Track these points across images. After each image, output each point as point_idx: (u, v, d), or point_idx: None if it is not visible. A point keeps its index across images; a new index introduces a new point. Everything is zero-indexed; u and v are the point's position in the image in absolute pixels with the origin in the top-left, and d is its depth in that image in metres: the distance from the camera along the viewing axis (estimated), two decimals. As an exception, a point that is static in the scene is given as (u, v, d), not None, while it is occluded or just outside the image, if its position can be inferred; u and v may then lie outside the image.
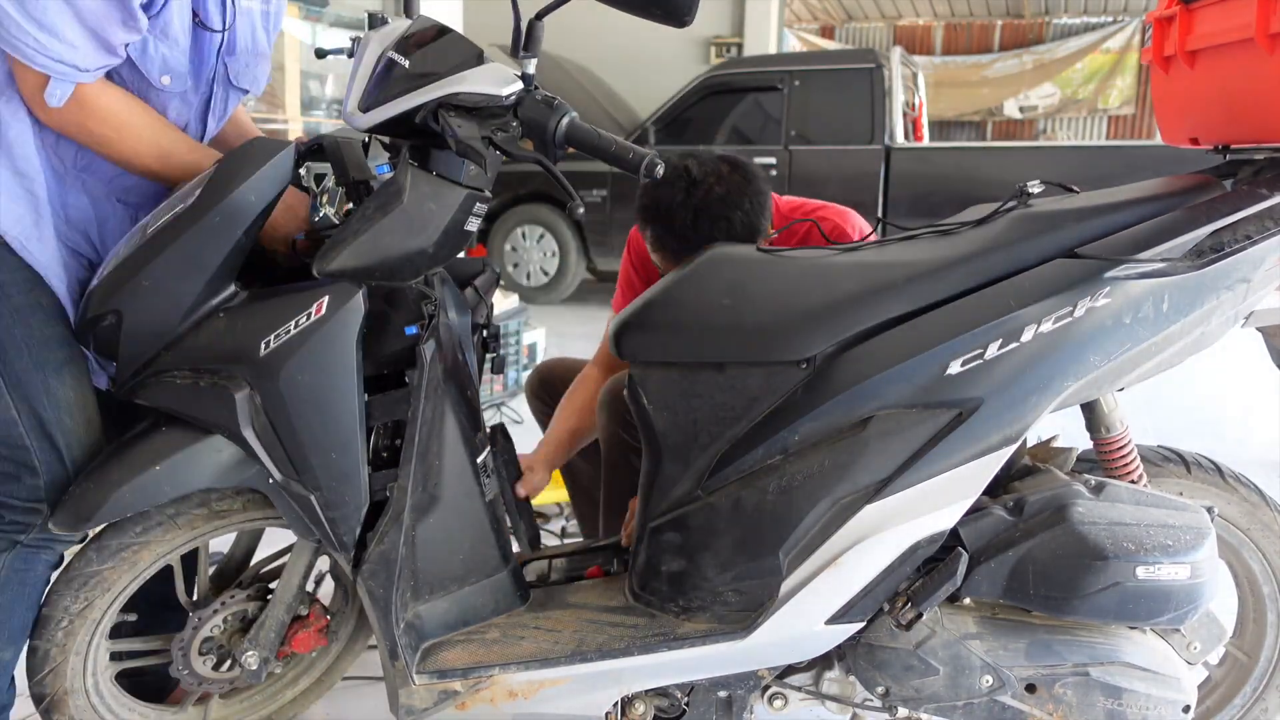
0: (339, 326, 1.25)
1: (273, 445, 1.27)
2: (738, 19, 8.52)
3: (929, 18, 12.28)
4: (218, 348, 1.25)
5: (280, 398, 1.24)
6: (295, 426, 1.25)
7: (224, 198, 1.21)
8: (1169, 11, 1.49)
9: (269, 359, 1.23)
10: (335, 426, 1.27)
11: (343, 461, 1.28)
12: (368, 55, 1.30)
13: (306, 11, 5.29)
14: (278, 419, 1.25)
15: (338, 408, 1.27)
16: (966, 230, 1.36)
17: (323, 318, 1.24)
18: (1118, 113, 11.76)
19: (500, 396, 3.97)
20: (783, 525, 1.31)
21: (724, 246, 1.48)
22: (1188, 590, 1.27)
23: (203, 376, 1.25)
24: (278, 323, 1.24)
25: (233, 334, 1.25)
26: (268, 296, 1.27)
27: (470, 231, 1.38)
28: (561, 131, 1.24)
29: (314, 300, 1.24)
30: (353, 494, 1.30)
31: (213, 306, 1.25)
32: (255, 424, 1.25)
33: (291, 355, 1.23)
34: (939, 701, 1.33)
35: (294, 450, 1.27)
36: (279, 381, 1.24)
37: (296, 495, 1.29)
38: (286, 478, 1.28)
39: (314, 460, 1.27)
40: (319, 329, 1.24)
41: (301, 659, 1.60)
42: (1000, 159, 5.97)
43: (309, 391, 1.25)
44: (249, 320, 1.25)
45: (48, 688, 1.34)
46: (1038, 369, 1.26)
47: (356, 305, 1.26)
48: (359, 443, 1.29)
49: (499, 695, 1.36)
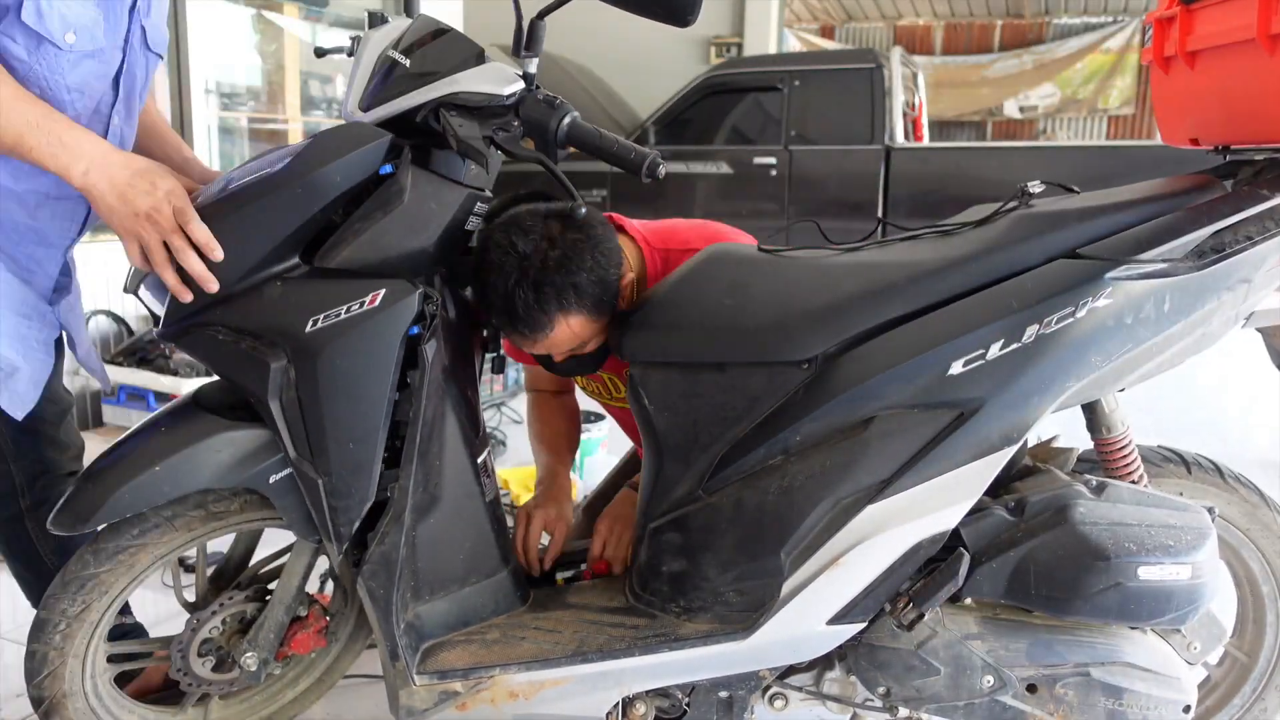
0: (388, 320, 1.26)
1: (295, 422, 1.27)
2: (738, 19, 8.51)
3: (929, 18, 12.27)
4: (267, 315, 1.25)
5: (315, 377, 1.25)
6: (322, 408, 1.26)
7: (311, 172, 1.22)
8: (1169, 12, 1.49)
9: (313, 337, 1.24)
10: (361, 417, 1.28)
11: (359, 452, 1.29)
12: (368, 55, 1.30)
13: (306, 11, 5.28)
14: (307, 397, 1.26)
15: (367, 399, 1.27)
16: (968, 231, 1.36)
17: (375, 309, 1.25)
18: (1118, 113, 11.75)
19: (500, 396, 3.97)
20: (784, 526, 1.30)
21: (725, 245, 1.48)
22: (1188, 590, 1.27)
23: (245, 339, 1.25)
24: (330, 304, 1.24)
25: (285, 304, 1.25)
26: (327, 276, 1.27)
27: (471, 231, 1.38)
28: (563, 131, 1.24)
29: (370, 290, 1.25)
30: (360, 488, 1.30)
31: (272, 273, 1.25)
32: (284, 396, 1.26)
33: (336, 338, 1.24)
34: (940, 702, 1.33)
35: (315, 431, 1.27)
36: (318, 361, 1.24)
37: (305, 477, 1.29)
38: (300, 457, 1.28)
39: (332, 445, 1.27)
40: (368, 319, 1.25)
41: (301, 660, 1.60)
42: (1000, 159, 5.96)
43: (344, 377, 1.26)
44: (303, 295, 1.25)
45: (46, 691, 1.34)
46: (1039, 369, 1.26)
47: (410, 304, 1.27)
48: (379, 438, 1.29)
49: (499, 696, 1.36)
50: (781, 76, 6.09)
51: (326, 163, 1.22)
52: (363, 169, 1.25)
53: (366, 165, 1.25)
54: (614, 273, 1.40)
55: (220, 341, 1.26)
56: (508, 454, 3.38)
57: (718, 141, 6.25)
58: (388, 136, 1.26)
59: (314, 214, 1.24)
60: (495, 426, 3.60)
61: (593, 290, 1.36)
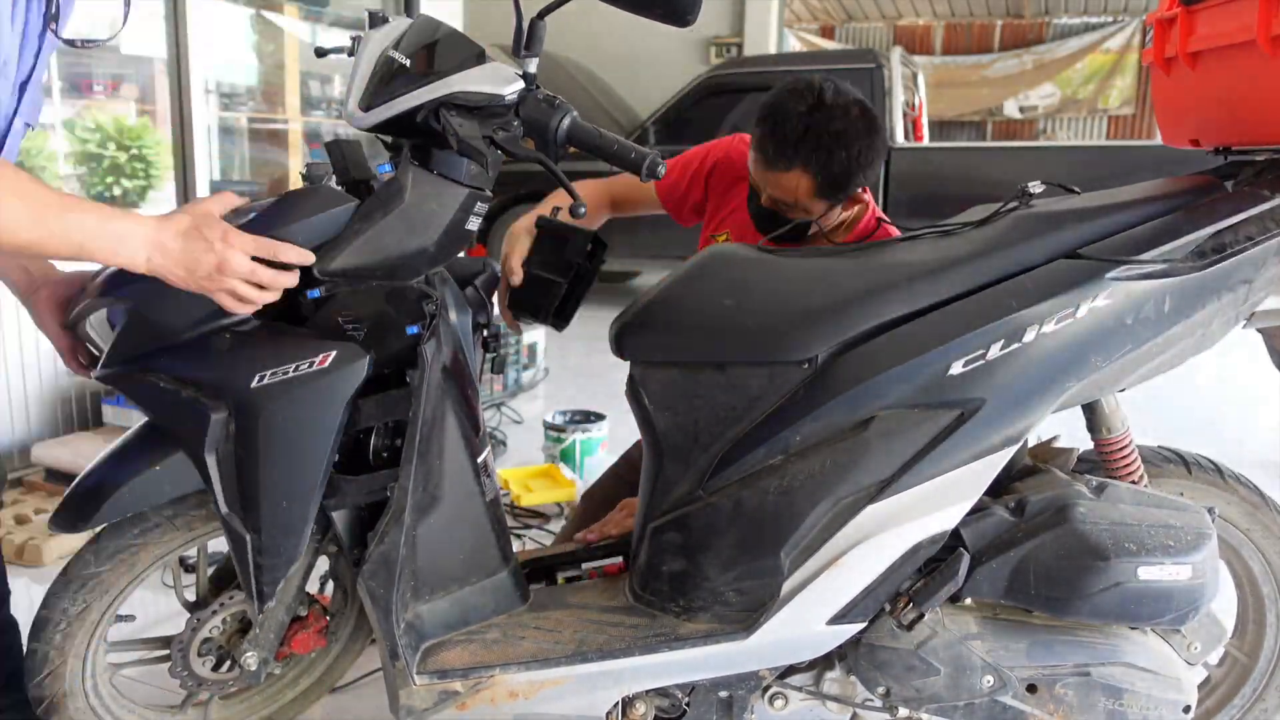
0: (337, 383, 1.24)
1: (229, 477, 1.26)
2: (738, 19, 8.52)
3: (929, 18, 12.27)
4: (213, 366, 1.24)
5: (255, 433, 1.23)
6: (260, 465, 1.25)
7: (272, 231, 1.20)
8: (1170, 13, 1.49)
9: (258, 393, 1.22)
10: (298, 477, 1.26)
11: (291, 512, 1.28)
12: (368, 54, 1.29)
13: (306, 11, 5.28)
14: (245, 452, 1.24)
15: (307, 459, 1.26)
16: (968, 231, 1.36)
17: (324, 370, 1.23)
18: (1118, 113, 11.75)
19: (500, 396, 3.97)
20: (784, 525, 1.30)
21: (725, 246, 1.48)
22: (1188, 591, 1.27)
23: (186, 388, 1.24)
24: (279, 361, 1.23)
25: (232, 357, 1.24)
26: (278, 333, 1.26)
27: (471, 231, 1.38)
28: (563, 131, 1.24)
29: (320, 351, 1.24)
30: (289, 547, 1.29)
31: (222, 325, 1.24)
32: (220, 449, 1.25)
33: (281, 396, 1.23)
34: (940, 702, 1.33)
35: (249, 487, 1.26)
36: (260, 417, 1.23)
37: (233, 531, 1.28)
38: (231, 511, 1.27)
39: (265, 503, 1.26)
40: (316, 380, 1.23)
41: (301, 660, 1.60)
42: (1000, 159, 5.96)
43: (285, 436, 1.24)
44: (252, 350, 1.24)
45: (46, 690, 1.34)
46: (1039, 370, 1.26)
47: (359, 369, 1.25)
48: (314, 499, 1.28)
49: (499, 695, 1.36)
50: (781, 76, 6.05)
51: (289, 224, 1.21)
52: (326, 232, 1.23)
53: (330, 228, 1.24)
54: (860, 180, 1.53)
55: (161, 389, 1.24)
56: (508, 454, 3.38)
57: (717, 141, 6.25)
58: (354, 202, 1.25)
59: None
60: (495, 426, 3.60)
61: (837, 172, 1.50)
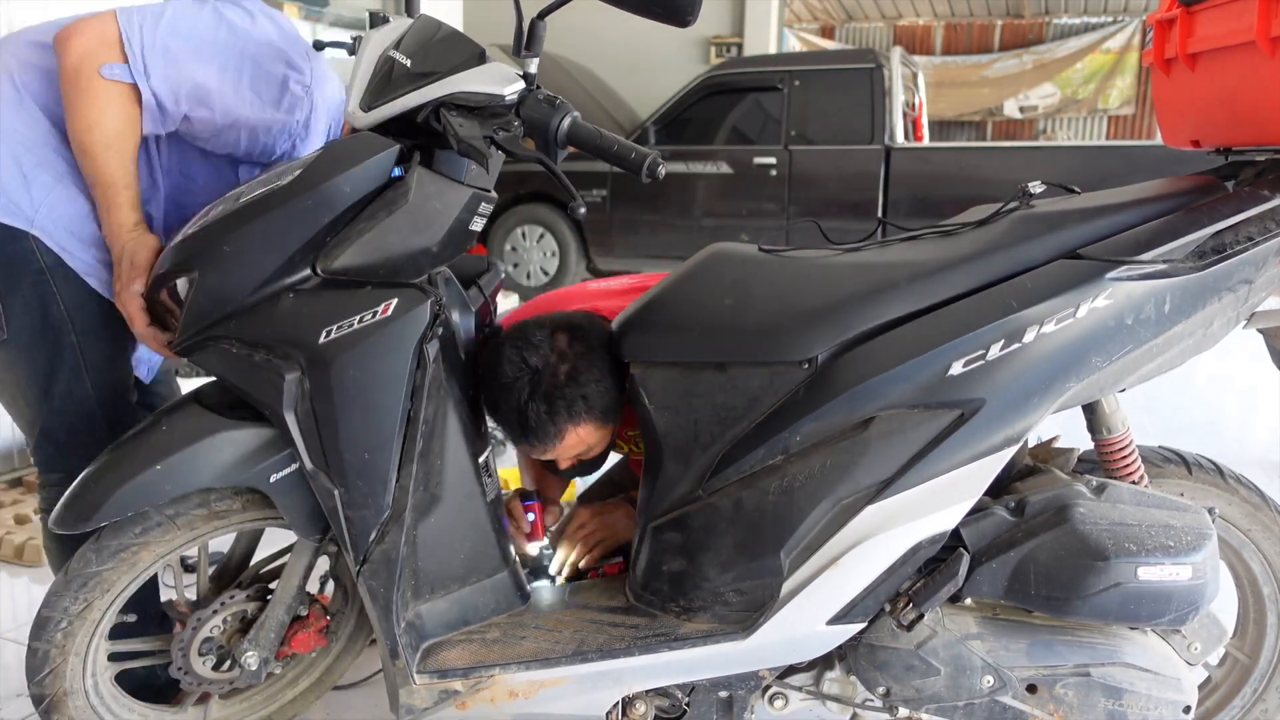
0: (401, 329, 1.26)
1: (310, 433, 1.27)
2: (738, 19, 8.52)
3: (929, 18, 12.27)
4: (280, 326, 1.25)
5: (329, 388, 1.25)
6: (337, 419, 1.26)
7: (320, 184, 1.22)
8: (1170, 14, 1.49)
9: (327, 348, 1.24)
10: (376, 427, 1.27)
11: (375, 462, 1.29)
12: (369, 54, 1.30)
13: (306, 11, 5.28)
14: (322, 408, 1.26)
15: (382, 408, 1.27)
16: (968, 231, 1.36)
17: (388, 318, 1.25)
18: (1118, 113, 11.75)
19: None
20: (784, 526, 1.31)
21: (725, 245, 1.48)
22: (1189, 591, 1.27)
23: (258, 351, 1.26)
24: (343, 314, 1.25)
25: (297, 316, 1.25)
26: (340, 287, 1.27)
27: (474, 231, 1.38)
28: (563, 131, 1.24)
29: (383, 300, 1.25)
30: (376, 497, 1.30)
31: (285, 285, 1.26)
32: (299, 408, 1.26)
33: (349, 348, 1.24)
34: (940, 702, 1.33)
35: (330, 442, 1.27)
36: (331, 372, 1.24)
37: (322, 488, 1.29)
38: (316, 468, 1.28)
39: (347, 456, 1.27)
40: (381, 329, 1.25)
41: (301, 659, 1.60)
42: (1000, 159, 5.96)
43: (358, 387, 1.26)
44: (316, 306, 1.26)
45: (47, 688, 1.34)
46: (1039, 370, 1.26)
47: (422, 314, 1.27)
48: (394, 448, 1.29)
49: (499, 695, 1.36)
50: (781, 76, 6.09)
51: (336, 174, 1.23)
52: (372, 179, 1.25)
53: (376, 175, 1.25)
54: (620, 380, 1.42)
55: (233, 354, 1.27)
56: (508, 454, 3.37)
57: (718, 141, 6.26)
58: (396, 146, 1.26)
59: (325, 225, 1.24)
60: (495, 426, 3.59)
61: (601, 399, 1.40)
